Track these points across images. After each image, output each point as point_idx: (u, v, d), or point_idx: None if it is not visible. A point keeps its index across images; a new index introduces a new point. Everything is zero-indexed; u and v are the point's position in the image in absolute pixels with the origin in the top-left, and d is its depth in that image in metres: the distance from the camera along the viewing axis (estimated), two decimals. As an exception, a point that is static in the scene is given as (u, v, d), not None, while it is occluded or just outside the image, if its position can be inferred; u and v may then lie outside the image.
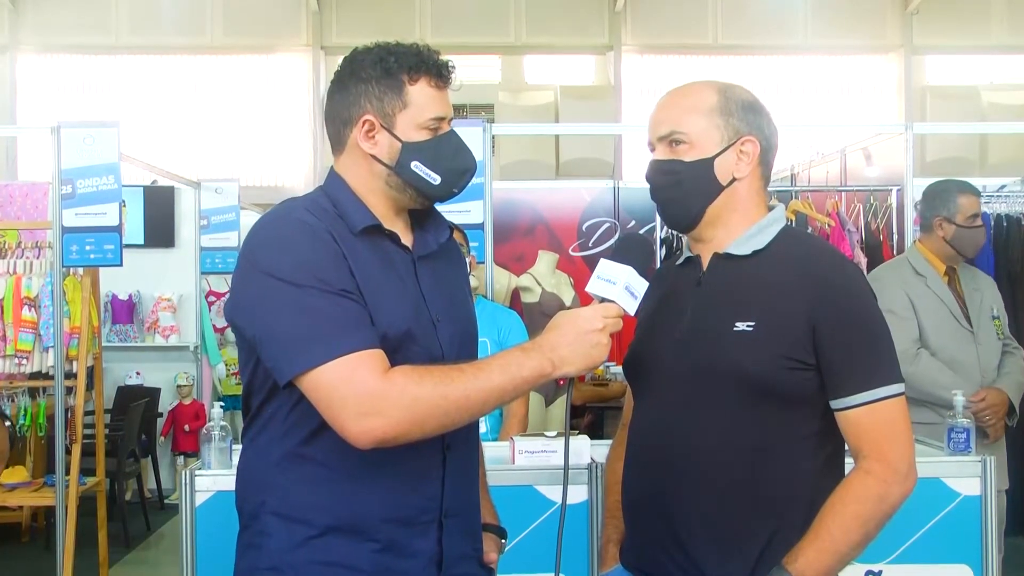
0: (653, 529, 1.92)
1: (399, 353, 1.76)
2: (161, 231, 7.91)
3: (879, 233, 5.88)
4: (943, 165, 9.55)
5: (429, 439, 1.76)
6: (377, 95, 1.82)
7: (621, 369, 6.02)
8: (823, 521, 1.80)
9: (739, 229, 1.92)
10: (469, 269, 3.74)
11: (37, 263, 5.37)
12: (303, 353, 1.69)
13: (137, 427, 6.79)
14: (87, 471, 5.41)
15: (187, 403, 7.75)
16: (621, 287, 1.79)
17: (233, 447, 2.94)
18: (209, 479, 2.95)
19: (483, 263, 4.52)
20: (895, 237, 5.79)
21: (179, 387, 7.76)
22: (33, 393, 5.58)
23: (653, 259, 6.31)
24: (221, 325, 7.69)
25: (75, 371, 5.26)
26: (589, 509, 2.95)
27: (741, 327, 1.83)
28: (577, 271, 6.68)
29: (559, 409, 5.16)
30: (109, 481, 6.31)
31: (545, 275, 6.02)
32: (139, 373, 7.78)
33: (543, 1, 11.31)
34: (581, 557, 2.92)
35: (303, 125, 11.24)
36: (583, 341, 1.75)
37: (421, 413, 1.69)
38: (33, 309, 5.19)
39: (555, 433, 3.18)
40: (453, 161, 1.87)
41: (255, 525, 1.85)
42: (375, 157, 1.85)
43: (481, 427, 3.67)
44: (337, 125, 1.88)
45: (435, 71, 1.84)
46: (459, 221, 4.07)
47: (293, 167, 11.32)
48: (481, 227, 4.53)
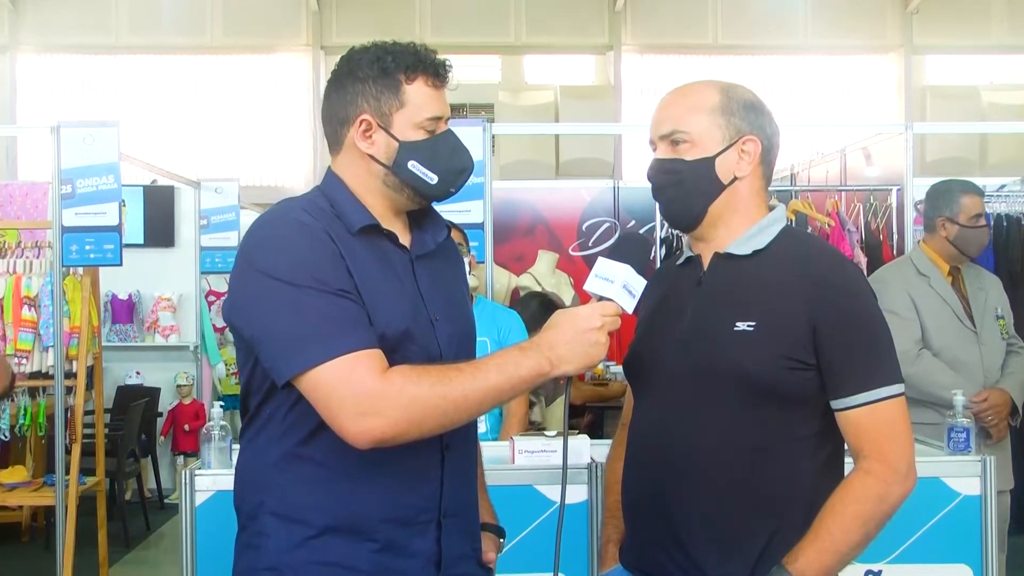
0: (653, 529, 1.91)
1: (397, 353, 1.76)
2: (161, 231, 7.91)
3: (879, 233, 5.88)
4: (943, 165, 9.56)
5: (427, 439, 1.76)
6: (374, 95, 1.82)
7: (621, 369, 6.03)
8: (823, 521, 1.80)
9: (740, 229, 1.92)
10: (469, 269, 3.73)
11: (37, 263, 5.37)
12: (301, 353, 1.69)
13: (137, 427, 6.79)
14: (87, 471, 5.41)
15: (187, 403, 7.75)
16: (619, 285, 1.78)
17: (233, 447, 2.94)
18: (209, 479, 2.94)
19: (483, 263, 4.52)
20: (895, 237, 5.79)
21: (179, 387, 7.76)
22: (33, 393, 5.57)
23: (651, 257, 6.30)
24: (221, 325, 7.68)
25: (75, 371, 5.25)
26: (589, 509, 2.95)
27: (742, 327, 1.83)
28: (577, 271, 6.68)
29: (559, 409, 5.16)
30: (109, 481, 6.30)
31: (545, 275, 6.02)
32: (139, 373, 7.78)
33: (543, 1, 11.31)
34: (581, 557, 2.91)
35: (303, 125, 11.24)
36: (581, 340, 1.74)
37: (419, 413, 1.69)
38: (33, 309, 5.19)
39: (555, 433, 3.17)
40: (450, 161, 1.87)
41: (253, 525, 1.84)
42: (372, 157, 1.84)
43: (481, 427, 3.66)
44: (334, 125, 1.87)
45: (432, 70, 1.84)
46: (459, 221, 4.07)
47: (293, 167, 11.32)
48: (481, 227, 4.53)
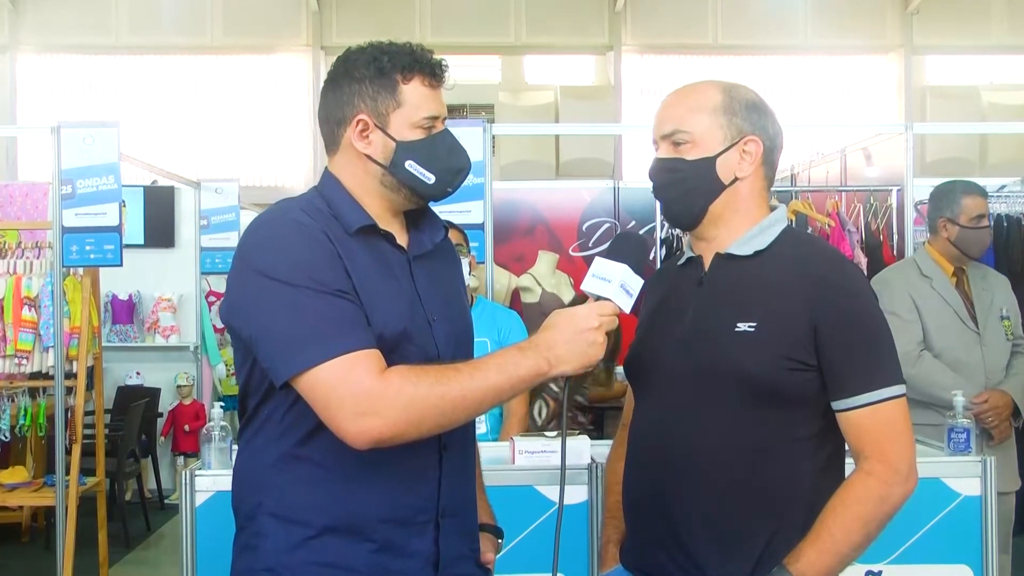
0: (653, 529, 1.91)
1: (395, 353, 1.75)
2: (161, 231, 7.91)
3: (879, 233, 5.87)
4: (943, 165, 9.55)
5: (425, 439, 1.76)
6: (371, 95, 1.82)
7: (622, 369, 6.03)
8: (824, 522, 1.80)
9: (741, 229, 1.92)
10: (469, 269, 3.73)
11: (37, 263, 5.37)
12: (299, 354, 1.69)
13: (137, 427, 6.79)
14: (87, 471, 5.41)
15: (187, 403, 7.75)
16: (616, 285, 1.78)
17: (233, 447, 2.94)
18: (209, 479, 2.95)
19: (483, 263, 4.52)
20: (895, 237, 5.79)
21: (179, 387, 7.76)
22: (33, 393, 5.57)
23: (651, 257, 6.31)
24: (221, 325, 7.66)
25: (75, 371, 5.26)
26: (589, 509, 2.95)
27: (742, 327, 1.83)
28: (577, 271, 6.67)
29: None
30: (109, 481, 6.30)
31: (545, 275, 6.02)
32: (139, 373, 7.78)
33: (543, 1, 11.31)
34: (581, 557, 2.91)
35: (303, 125, 11.23)
36: (579, 340, 1.74)
37: (418, 413, 1.69)
38: (33, 309, 5.19)
39: (555, 433, 3.17)
40: (447, 160, 1.87)
41: (251, 526, 1.84)
42: (369, 157, 1.84)
43: (481, 427, 3.66)
44: (331, 125, 1.87)
45: (428, 70, 1.84)
46: (459, 221, 4.07)
47: (293, 167, 11.32)
48: (481, 227, 4.53)
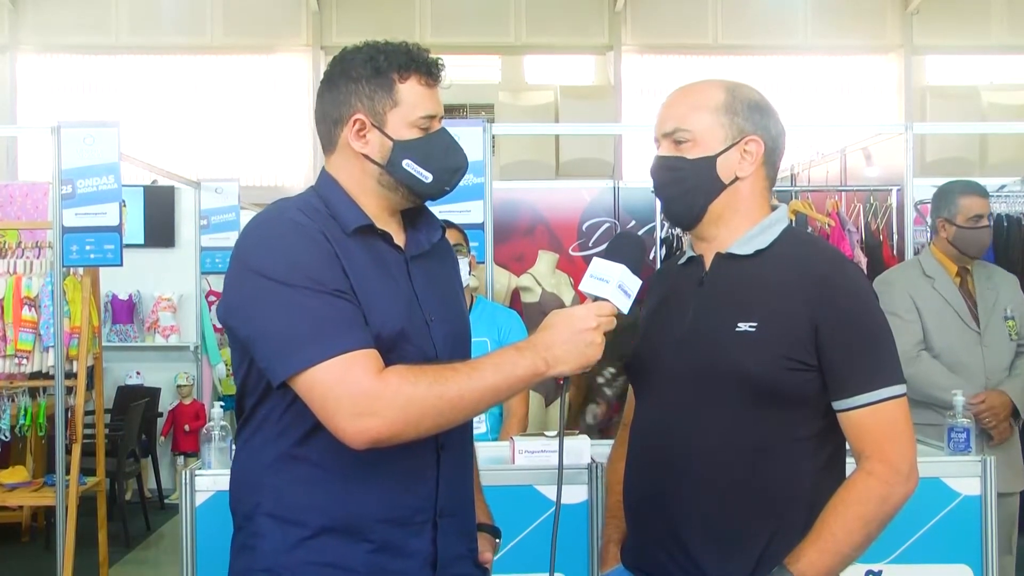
0: (654, 529, 1.91)
1: (393, 353, 1.75)
2: (161, 231, 7.91)
3: (879, 233, 5.87)
4: (943, 165, 9.54)
5: (423, 439, 1.76)
6: (368, 94, 1.82)
7: (621, 369, 6.03)
8: (825, 522, 1.80)
9: (741, 229, 1.92)
10: (469, 269, 3.73)
11: (37, 263, 5.37)
12: (297, 353, 1.69)
13: (137, 427, 6.79)
14: (87, 471, 5.41)
15: (187, 403, 7.75)
16: (614, 285, 1.78)
17: (233, 447, 2.94)
18: (209, 479, 2.95)
19: (483, 263, 4.52)
20: (895, 237, 5.79)
21: (179, 387, 7.76)
22: (33, 393, 5.58)
23: (651, 257, 6.30)
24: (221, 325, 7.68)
25: (75, 371, 5.26)
26: (589, 509, 2.95)
27: (743, 327, 1.83)
28: (577, 271, 6.67)
29: (559, 409, 5.15)
30: (109, 481, 6.30)
31: (545, 275, 6.01)
32: (139, 373, 7.78)
33: (543, 1, 11.30)
34: (581, 557, 2.91)
35: (303, 125, 11.22)
36: (577, 340, 1.74)
37: (416, 413, 1.68)
38: (33, 309, 5.19)
39: (555, 433, 3.17)
40: (444, 159, 1.87)
41: (249, 527, 1.84)
42: (367, 156, 1.84)
43: (481, 427, 3.66)
44: (328, 125, 1.87)
45: (425, 69, 1.84)
46: (459, 221, 4.07)
47: (293, 167, 11.32)
48: (481, 227, 4.53)
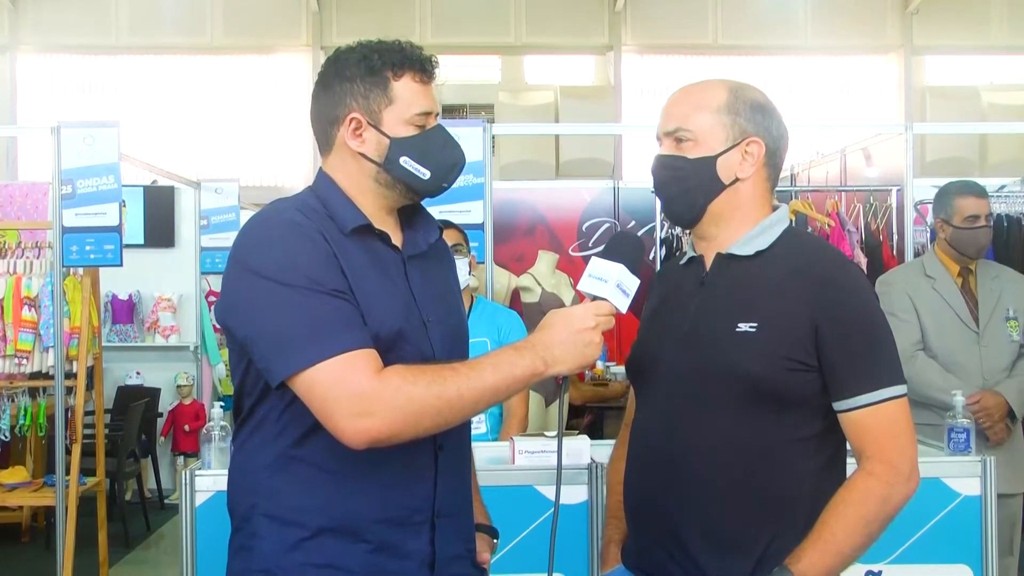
0: (654, 529, 1.91)
1: (391, 353, 1.75)
2: (161, 231, 7.92)
3: (879, 233, 5.87)
4: (943, 165, 9.55)
5: (421, 440, 1.76)
6: (363, 93, 1.83)
7: (622, 369, 6.04)
8: (826, 522, 1.79)
9: (742, 229, 1.92)
10: (469, 269, 3.73)
11: (37, 263, 5.37)
12: (296, 354, 1.68)
13: (137, 427, 6.79)
14: (87, 471, 5.41)
15: (187, 403, 7.75)
16: (613, 285, 1.78)
17: (232, 447, 2.94)
18: (209, 479, 2.94)
19: (483, 263, 4.52)
20: (895, 237, 5.79)
21: (179, 387, 7.76)
22: (33, 393, 5.57)
23: (650, 257, 6.31)
24: (220, 325, 7.68)
25: (75, 371, 5.25)
26: (589, 509, 2.94)
27: (743, 328, 1.83)
28: (577, 271, 6.63)
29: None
30: (109, 481, 6.30)
31: (545, 275, 6.01)
32: (139, 373, 7.79)
33: (543, 1, 11.31)
34: (581, 557, 2.91)
35: (303, 125, 11.20)
36: (576, 340, 1.74)
37: (415, 413, 1.68)
38: (33, 309, 5.19)
39: (555, 433, 3.17)
40: (442, 155, 1.87)
41: (247, 527, 1.84)
42: (363, 155, 1.84)
43: (481, 427, 3.66)
44: (323, 125, 1.88)
45: (419, 66, 1.84)
46: (459, 221, 4.07)
47: (293, 167, 11.32)
48: (481, 227, 4.53)
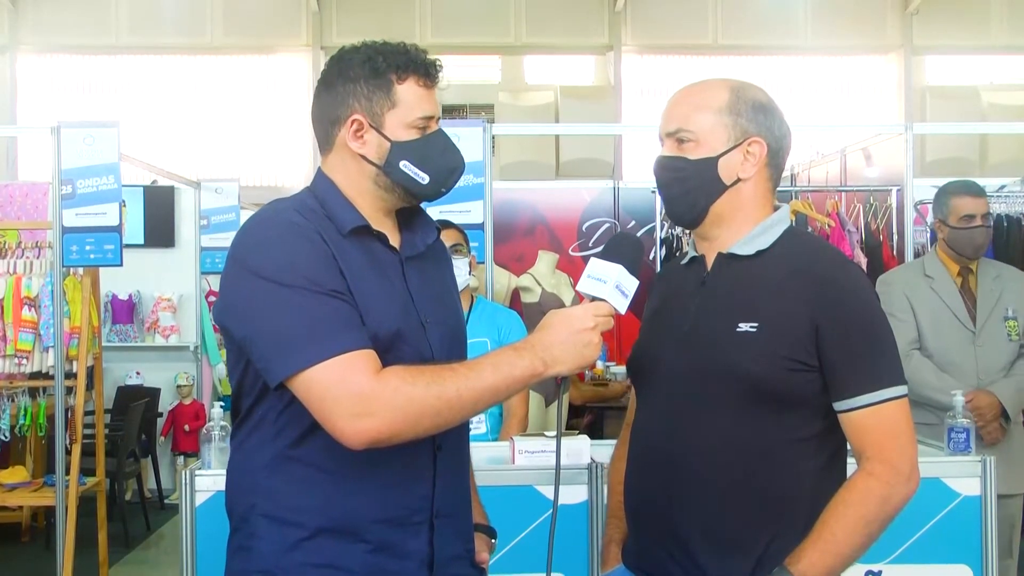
0: (655, 529, 1.91)
1: (389, 354, 1.75)
2: (161, 231, 7.92)
3: (879, 233, 5.88)
4: (943, 165, 9.55)
5: (420, 440, 1.76)
6: (366, 95, 1.82)
7: (622, 369, 6.04)
8: (826, 522, 1.79)
9: (743, 229, 1.92)
10: (469, 269, 3.73)
11: (37, 263, 5.37)
12: (295, 354, 1.68)
13: (137, 427, 6.79)
14: (87, 471, 5.41)
15: (187, 403, 7.75)
16: (611, 286, 1.78)
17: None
18: (209, 479, 2.94)
19: (483, 263, 4.52)
20: (895, 237, 5.79)
21: (179, 387, 7.77)
22: (33, 393, 5.57)
23: (650, 258, 6.31)
24: (220, 325, 7.68)
25: (75, 371, 5.26)
26: (589, 509, 2.94)
27: (744, 328, 1.83)
28: (577, 271, 6.63)
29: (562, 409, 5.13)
30: (109, 481, 6.30)
31: (545, 275, 6.01)
32: (139, 373, 7.79)
33: (543, 1, 11.30)
34: (581, 557, 2.91)
35: (303, 125, 11.20)
36: (575, 340, 1.74)
37: (414, 413, 1.68)
38: (33, 309, 5.19)
39: (555, 433, 3.17)
40: (442, 160, 1.87)
41: (246, 528, 1.84)
42: (364, 157, 1.84)
43: (481, 427, 3.67)
44: (324, 125, 1.87)
45: (423, 70, 1.84)
46: (459, 221, 4.07)
47: (293, 167, 11.32)
48: (481, 227, 4.53)
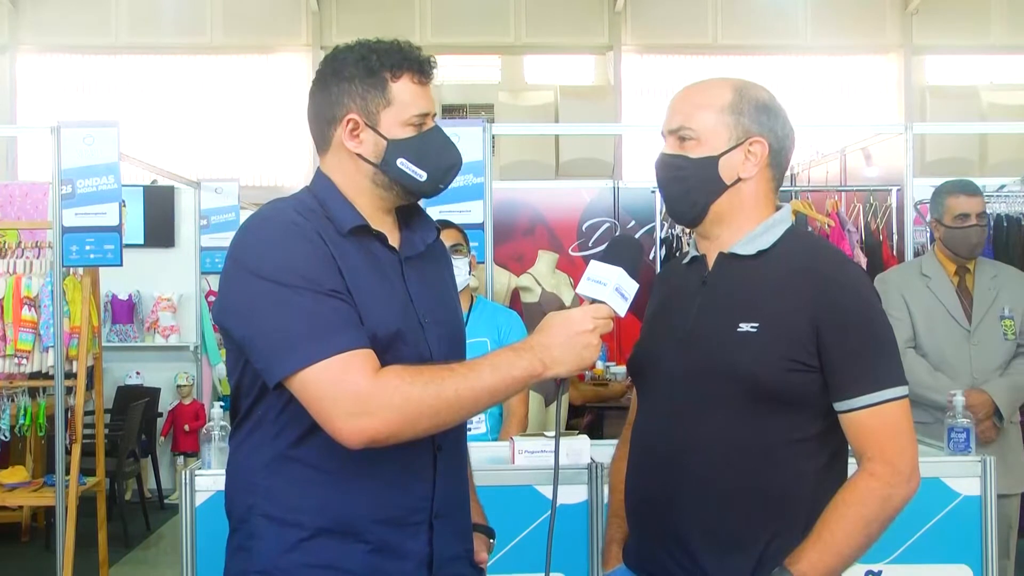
0: (655, 529, 1.92)
1: (388, 354, 1.75)
2: (161, 231, 7.92)
3: (879, 233, 5.88)
4: (943, 165, 9.55)
5: (420, 440, 1.76)
6: (360, 94, 1.83)
7: (622, 369, 6.04)
8: (826, 522, 1.79)
9: (744, 228, 1.92)
10: (469, 269, 3.73)
11: (37, 263, 5.37)
12: (293, 354, 1.68)
13: (137, 427, 6.79)
14: (87, 471, 5.41)
15: (187, 403, 7.75)
16: (611, 288, 1.78)
17: (231, 447, 2.95)
18: (209, 479, 2.94)
19: (483, 263, 4.52)
20: (895, 237, 5.80)
21: (179, 387, 7.77)
22: (33, 393, 5.57)
23: (650, 258, 6.31)
24: (220, 325, 7.68)
25: (75, 371, 5.26)
26: (589, 509, 2.94)
27: (745, 328, 1.83)
28: (577, 271, 6.64)
29: (562, 409, 5.14)
30: (109, 481, 6.30)
31: (545, 275, 6.01)
32: (139, 373, 7.79)
33: (543, 1, 11.30)
34: (581, 557, 2.91)
35: (303, 125, 11.07)
36: (574, 342, 1.75)
37: (413, 413, 1.68)
38: (33, 309, 5.19)
39: (555, 433, 3.17)
40: (439, 157, 1.88)
41: (245, 528, 1.84)
42: (361, 156, 1.85)
43: (481, 427, 3.67)
44: (321, 125, 1.88)
45: (417, 67, 1.84)
46: (459, 221, 4.07)
47: (293, 167, 11.31)
48: (481, 227, 4.53)
